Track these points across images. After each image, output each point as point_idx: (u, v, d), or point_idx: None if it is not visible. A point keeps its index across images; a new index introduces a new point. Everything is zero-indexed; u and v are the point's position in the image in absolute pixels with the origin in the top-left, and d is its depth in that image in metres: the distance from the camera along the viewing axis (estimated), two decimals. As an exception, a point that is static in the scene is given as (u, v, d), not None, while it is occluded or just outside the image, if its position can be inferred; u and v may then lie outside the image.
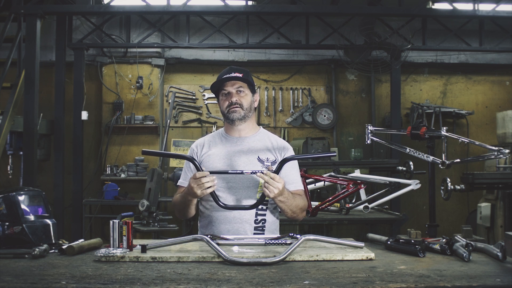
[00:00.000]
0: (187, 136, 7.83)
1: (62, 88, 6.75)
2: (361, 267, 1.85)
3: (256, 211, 2.45)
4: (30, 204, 2.24)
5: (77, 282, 1.65)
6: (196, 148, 2.62)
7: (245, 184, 2.45)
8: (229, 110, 2.50)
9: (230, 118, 2.51)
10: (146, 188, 5.32)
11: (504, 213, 5.69)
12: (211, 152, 2.55)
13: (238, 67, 2.57)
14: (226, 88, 2.51)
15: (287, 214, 2.43)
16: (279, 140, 2.62)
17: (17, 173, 6.46)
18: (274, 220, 2.53)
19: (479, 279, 1.69)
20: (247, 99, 2.52)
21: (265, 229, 2.47)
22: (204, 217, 2.54)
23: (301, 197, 2.50)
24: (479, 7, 6.38)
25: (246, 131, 2.58)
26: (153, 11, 6.54)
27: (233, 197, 2.45)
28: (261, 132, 2.63)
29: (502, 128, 6.42)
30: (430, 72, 8.19)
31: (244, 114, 2.51)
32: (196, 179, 2.25)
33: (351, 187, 4.69)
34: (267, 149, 2.53)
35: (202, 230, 2.55)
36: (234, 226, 2.43)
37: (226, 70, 2.55)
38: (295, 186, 2.52)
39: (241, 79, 2.48)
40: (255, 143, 2.55)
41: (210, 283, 1.62)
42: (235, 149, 2.53)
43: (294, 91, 7.99)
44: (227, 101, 2.51)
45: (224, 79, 2.48)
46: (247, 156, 2.50)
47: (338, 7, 6.57)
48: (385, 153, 7.72)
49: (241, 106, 2.50)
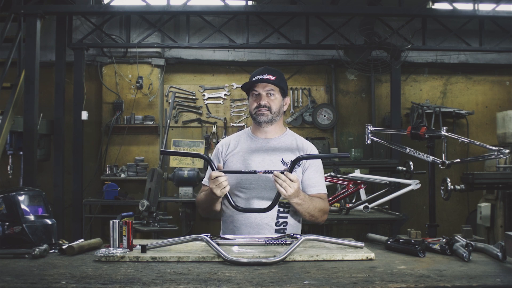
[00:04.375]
0: (187, 136, 7.83)
1: (62, 88, 6.75)
2: (361, 267, 1.85)
3: (277, 213, 2.44)
4: (30, 204, 2.24)
5: (77, 282, 1.65)
6: (221, 148, 2.61)
7: (267, 185, 2.42)
8: (256, 112, 2.50)
9: (257, 120, 2.51)
10: (146, 188, 5.33)
11: (504, 213, 5.69)
12: (236, 151, 2.54)
13: (273, 68, 2.54)
14: (256, 89, 2.50)
15: (305, 217, 2.42)
16: (305, 142, 2.60)
17: (17, 173, 6.46)
18: (295, 223, 2.51)
19: (479, 279, 1.69)
20: (276, 103, 2.51)
21: (286, 232, 2.44)
22: (226, 216, 2.54)
23: (322, 200, 2.48)
24: (479, 7, 6.37)
25: (273, 133, 2.57)
26: (153, 11, 6.53)
27: (253, 197, 2.44)
28: (287, 134, 2.61)
29: (502, 128, 6.42)
30: (430, 72, 8.19)
31: (271, 117, 2.50)
32: (213, 180, 2.25)
33: (351, 187, 4.70)
34: (291, 151, 2.52)
35: (224, 228, 2.55)
36: (255, 227, 2.42)
37: (260, 70, 2.53)
38: (318, 189, 2.50)
39: (273, 82, 2.47)
40: (280, 144, 2.54)
41: (210, 283, 1.62)
42: (260, 150, 2.52)
43: (294, 91, 7.99)
44: (255, 103, 2.50)
45: (256, 81, 2.47)
46: (271, 158, 2.49)
47: (338, 7, 6.56)
48: (385, 153, 7.72)
49: (270, 109, 2.49)
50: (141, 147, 7.54)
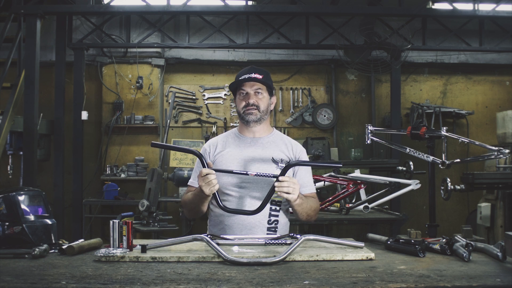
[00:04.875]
0: (187, 136, 7.84)
1: (62, 88, 6.75)
2: (361, 267, 1.85)
3: (270, 211, 2.44)
4: (30, 204, 2.24)
5: (77, 282, 1.65)
6: (209, 148, 2.59)
7: (259, 185, 2.42)
8: (245, 111, 2.50)
9: (245, 119, 2.51)
10: (146, 188, 5.33)
11: (504, 213, 5.69)
12: (224, 152, 2.53)
13: (259, 68, 2.55)
14: (244, 88, 2.50)
15: (303, 217, 2.42)
16: (293, 141, 2.62)
17: (17, 173, 6.46)
18: (286, 221, 2.53)
19: (479, 279, 1.69)
20: (264, 101, 2.51)
21: (277, 230, 2.45)
22: (215, 216, 2.51)
23: (315, 199, 2.51)
24: (479, 7, 6.37)
25: (261, 132, 2.57)
26: (153, 11, 6.53)
27: (245, 197, 2.43)
28: (275, 133, 2.63)
29: (502, 128, 6.42)
30: (430, 72, 8.19)
31: (260, 116, 2.51)
32: (203, 177, 2.24)
33: (351, 187, 4.69)
34: (280, 150, 2.53)
35: (212, 228, 2.53)
36: (246, 226, 2.41)
37: (247, 69, 2.53)
38: (309, 189, 2.53)
39: (260, 81, 2.47)
40: (269, 144, 2.55)
41: (210, 283, 1.62)
42: (249, 149, 2.52)
43: (294, 91, 7.99)
44: (244, 102, 2.50)
45: (243, 80, 2.47)
46: (261, 157, 2.49)
47: (338, 7, 6.56)
48: (385, 153, 7.72)
49: (258, 108, 2.49)
50: (141, 147, 7.54)
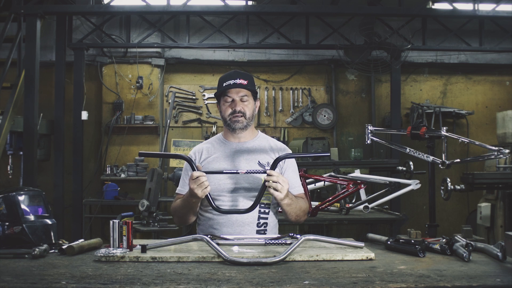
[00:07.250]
0: (187, 136, 7.84)
1: (62, 88, 6.75)
2: (361, 267, 1.85)
3: (259, 214, 2.43)
4: (30, 204, 2.24)
5: (77, 282, 1.65)
6: (194, 155, 2.58)
7: (249, 186, 2.42)
8: (231, 119, 2.47)
9: (232, 127, 2.49)
10: (146, 188, 5.32)
11: (504, 213, 5.69)
12: (210, 158, 2.52)
13: (243, 72, 2.53)
14: (230, 95, 2.47)
15: (292, 218, 2.41)
16: (278, 143, 2.61)
17: (17, 173, 6.46)
18: (275, 222, 2.54)
19: (479, 279, 1.69)
20: (250, 108, 2.49)
21: (267, 231, 2.45)
22: (205, 220, 2.50)
23: (304, 199, 2.50)
24: (479, 7, 6.37)
25: (246, 137, 2.56)
26: (153, 11, 6.53)
27: (237, 200, 2.43)
28: (260, 137, 2.61)
29: (502, 128, 6.42)
30: (430, 72, 8.19)
31: (246, 123, 2.49)
32: (194, 180, 2.22)
33: (351, 187, 4.69)
34: (266, 153, 2.52)
35: (200, 233, 2.50)
36: (236, 229, 2.41)
37: (230, 74, 2.50)
38: (298, 189, 2.52)
39: (246, 87, 2.45)
40: (255, 147, 2.54)
41: (210, 283, 1.62)
42: (235, 154, 2.51)
43: (294, 91, 7.99)
44: (230, 109, 2.47)
45: (228, 86, 2.44)
46: (248, 161, 2.48)
47: (338, 7, 6.57)
48: (385, 153, 7.72)
49: (244, 115, 2.47)
50: (141, 147, 7.53)
